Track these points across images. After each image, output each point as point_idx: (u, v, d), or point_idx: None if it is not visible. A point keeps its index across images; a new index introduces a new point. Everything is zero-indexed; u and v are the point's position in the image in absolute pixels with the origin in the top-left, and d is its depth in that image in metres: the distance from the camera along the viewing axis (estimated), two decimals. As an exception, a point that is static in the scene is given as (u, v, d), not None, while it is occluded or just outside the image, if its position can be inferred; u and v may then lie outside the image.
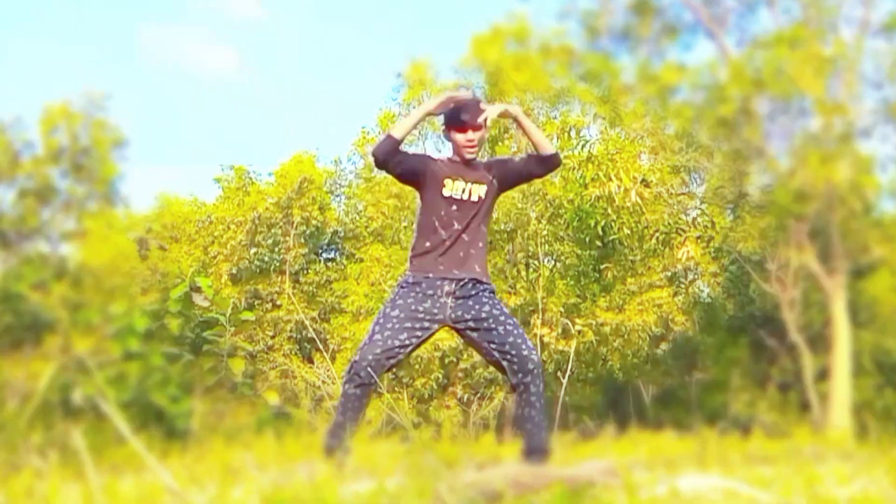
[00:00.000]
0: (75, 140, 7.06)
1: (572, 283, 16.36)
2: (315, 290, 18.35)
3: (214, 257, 18.88)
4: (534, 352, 3.16)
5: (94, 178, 7.11)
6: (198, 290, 8.14)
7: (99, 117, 7.12)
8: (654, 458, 3.80)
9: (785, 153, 10.51)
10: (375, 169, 3.50)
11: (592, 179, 9.69)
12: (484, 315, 3.14)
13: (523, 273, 16.36)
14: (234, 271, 18.24)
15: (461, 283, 3.18)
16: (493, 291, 3.26)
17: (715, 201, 11.14)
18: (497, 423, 14.31)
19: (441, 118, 3.41)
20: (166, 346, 7.56)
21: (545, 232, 15.80)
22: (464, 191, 3.27)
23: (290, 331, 17.60)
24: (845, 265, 10.95)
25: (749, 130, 9.86)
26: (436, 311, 3.15)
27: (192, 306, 8.01)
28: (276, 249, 18.30)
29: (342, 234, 19.72)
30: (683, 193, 11.36)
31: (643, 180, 9.62)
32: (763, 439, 5.39)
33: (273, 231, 18.45)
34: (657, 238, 10.77)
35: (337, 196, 20.89)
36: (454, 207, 3.25)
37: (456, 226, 3.23)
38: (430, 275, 3.19)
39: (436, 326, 3.20)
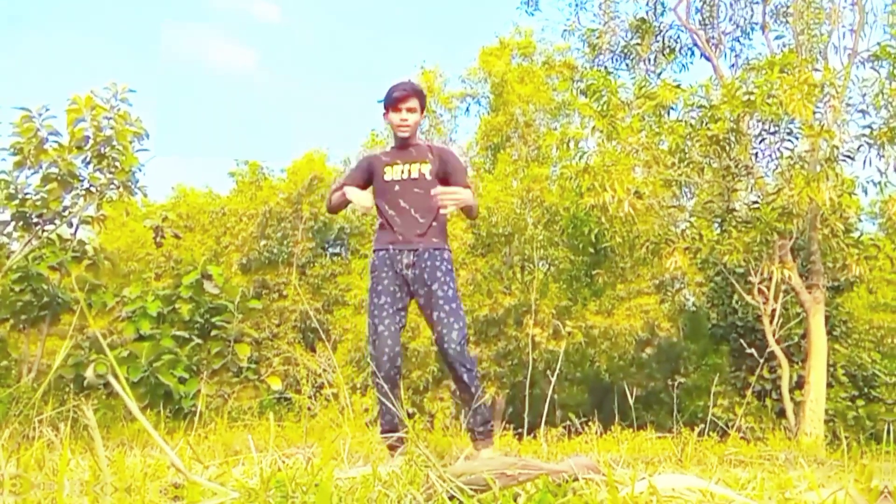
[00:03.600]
0: (99, 130, 7.05)
1: (565, 286, 16.38)
2: (320, 282, 18.38)
3: (226, 247, 18.90)
4: (455, 339, 3.11)
5: (115, 168, 7.10)
6: (209, 277, 8.14)
7: (122, 110, 7.11)
8: (636, 456, 3.80)
9: (772, 172, 10.52)
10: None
11: (588, 189, 9.66)
12: (432, 298, 3.18)
13: (518, 275, 16.36)
14: (244, 261, 18.26)
15: (417, 253, 3.24)
16: (449, 262, 3.29)
17: (703, 215, 11.13)
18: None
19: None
20: (177, 330, 7.57)
21: (541, 237, 15.81)
22: (402, 171, 3.33)
23: (295, 320, 17.63)
24: (824, 281, 10.95)
25: (739, 149, 9.86)
26: (403, 284, 3.24)
27: (203, 293, 8.02)
28: (285, 242, 18.32)
29: (348, 231, 19.73)
30: (674, 206, 11.35)
31: (636, 192, 9.60)
32: (739, 443, 5.38)
33: (283, 225, 18.47)
34: (647, 247, 10.74)
35: (345, 194, 20.92)
36: (397, 188, 3.30)
37: (402, 203, 3.29)
38: (390, 247, 3.27)
39: (408, 298, 3.28)
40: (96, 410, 6.00)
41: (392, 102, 3.32)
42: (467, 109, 19.62)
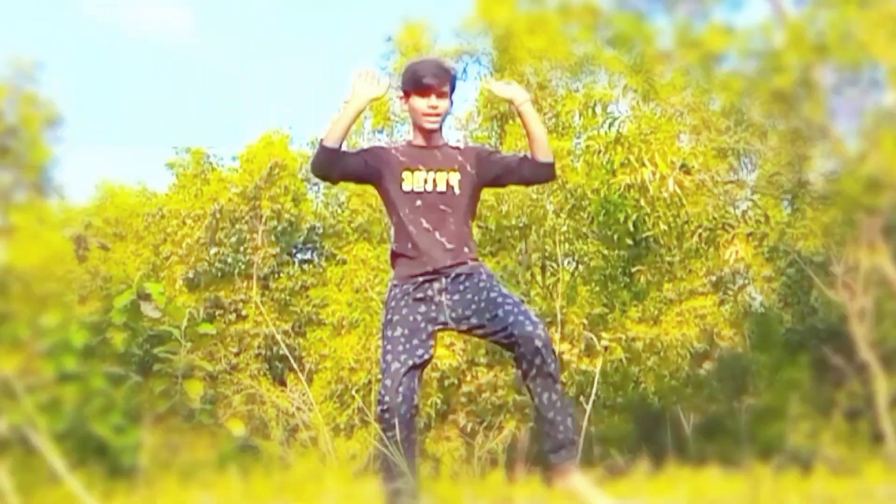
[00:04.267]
0: (0, 118, 7.08)
1: (598, 289, 16.38)
2: (288, 297, 18.39)
3: (167, 258, 18.92)
4: (539, 326, 3.21)
5: (23, 164, 7.12)
6: (147, 297, 8.15)
7: (28, 90, 7.13)
8: (697, 499, 3.81)
9: (854, 133, 10.53)
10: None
11: (622, 165, 9.72)
12: (483, 305, 3.24)
13: (538, 278, 16.39)
14: (190, 275, 18.28)
15: (451, 277, 3.29)
16: (489, 274, 3.39)
17: (769, 191, 11.16)
18: (507, 458, 14.31)
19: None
20: (109, 366, 7.58)
21: (565, 228, 15.81)
22: (426, 181, 3.35)
23: (259, 347, 17.63)
24: (926, 268, 10.98)
25: (810, 106, 9.87)
26: (434, 314, 3.26)
27: (140, 318, 8.02)
28: (242, 249, 18.33)
29: (321, 231, 19.77)
30: (731, 182, 11.38)
31: (683, 166, 9.65)
32: (827, 477, 5.39)
33: (238, 227, 18.49)
34: (700, 235, 10.79)
35: (315, 185, 20.92)
36: (418, 203, 3.32)
37: (424, 223, 3.30)
38: (420, 278, 3.29)
39: (439, 328, 3.31)
40: (12, 472, 6.03)
41: (419, 87, 3.34)
42: (465, 71, 19.58)
